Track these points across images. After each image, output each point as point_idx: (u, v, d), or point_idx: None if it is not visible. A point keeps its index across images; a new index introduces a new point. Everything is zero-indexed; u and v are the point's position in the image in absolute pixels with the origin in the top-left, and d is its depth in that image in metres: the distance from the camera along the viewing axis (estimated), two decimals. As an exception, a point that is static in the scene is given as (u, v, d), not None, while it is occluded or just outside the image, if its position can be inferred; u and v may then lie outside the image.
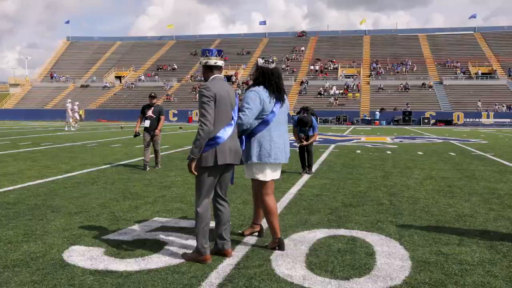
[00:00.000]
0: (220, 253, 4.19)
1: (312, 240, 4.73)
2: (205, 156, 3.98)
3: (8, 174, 9.08)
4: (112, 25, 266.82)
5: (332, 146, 16.51)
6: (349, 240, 4.72)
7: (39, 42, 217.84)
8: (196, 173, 3.99)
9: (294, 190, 7.60)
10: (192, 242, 4.58)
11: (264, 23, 77.86)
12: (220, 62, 4.23)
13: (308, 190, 7.62)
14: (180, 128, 32.85)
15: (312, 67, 61.83)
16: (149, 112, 10.27)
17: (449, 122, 45.69)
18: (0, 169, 9.80)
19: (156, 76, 64.83)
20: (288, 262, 4.04)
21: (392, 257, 4.19)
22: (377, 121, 46.49)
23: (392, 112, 48.45)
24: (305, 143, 9.40)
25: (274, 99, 4.41)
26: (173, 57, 69.86)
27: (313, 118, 9.42)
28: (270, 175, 4.45)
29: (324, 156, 12.97)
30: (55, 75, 67.58)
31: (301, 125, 9.27)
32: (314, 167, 10.42)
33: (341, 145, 16.92)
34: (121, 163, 11.07)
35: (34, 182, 8.15)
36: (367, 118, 48.07)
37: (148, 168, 9.96)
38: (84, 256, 4.15)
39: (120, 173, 9.35)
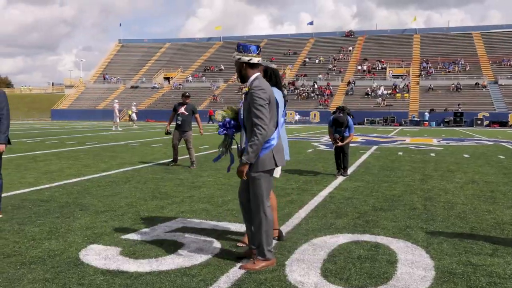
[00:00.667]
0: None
1: (333, 245, 4.55)
2: (263, 160, 3.85)
3: (48, 172, 9.37)
4: (163, 27, 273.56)
5: (374, 147, 16.08)
6: (372, 247, 4.51)
7: (93, 45, 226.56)
8: (245, 177, 3.83)
9: (325, 192, 7.41)
10: (209, 244, 4.51)
11: (311, 23, 77.29)
12: (260, 60, 4.08)
13: (340, 192, 7.40)
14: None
15: (359, 67, 60.77)
16: (182, 109, 10.32)
17: (504, 124, 43.65)
18: (43, 167, 10.14)
19: (203, 77, 65.72)
20: (303, 268, 3.89)
21: (415, 266, 3.96)
22: (426, 122, 45.08)
23: (442, 113, 46.86)
24: (340, 144, 9.15)
25: (283, 100, 4.36)
26: (220, 58, 70.57)
27: (349, 118, 9.16)
28: (278, 173, 4.54)
29: (363, 158, 12.62)
30: (107, 77, 69.85)
31: (337, 125, 9.03)
32: (351, 169, 10.15)
33: (383, 147, 16.45)
34: (158, 162, 11.21)
35: (71, 180, 8.37)
36: (415, 119, 46.70)
37: (172, 165, 10.41)
38: (100, 255, 4.17)
39: (154, 173, 9.45)
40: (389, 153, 14.14)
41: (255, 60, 3.92)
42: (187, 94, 10.47)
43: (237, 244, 4.52)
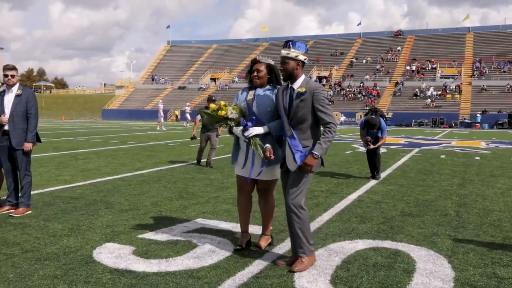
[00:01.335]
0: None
1: (350, 251, 4.38)
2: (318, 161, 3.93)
3: (85, 170, 9.63)
4: (212, 29, 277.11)
5: (416, 150, 15.54)
6: (391, 254, 4.31)
7: (145, 47, 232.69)
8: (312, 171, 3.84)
9: (354, 196, 7.20)
10: (223, 246, 4.46)
11: (359, 23, 76.00)
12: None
13: (370, 196, 7.17)
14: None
15: (408, 68, 59.19)
16: None
17: None
18: (82, 165, 10.44)
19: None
20: (313, 274, 3.76)
21: (432, 277, 3.74)
22: (478, 124, 43.27)
23: (496, 114, 44.86)
24: (372, 146, 8.87)
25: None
26: (266, 58, 70.55)
27: (382, 120, 8.86)
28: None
29: (402, 160, 12.21)
30: (155, 77, 71.47)
31: (368, 127, 8.76)
32: (387, 172, 9.84)
33: (426, 149, 15.88)
34: (193, 162, 11.28)
35: (104, 179, 8.56)
36: (466, 121, 44.93)
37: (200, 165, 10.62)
38: (112, 254, 4.20)
39: (186, 172, 9.52)
40: (430, 156, 13.62)
41: (306, 60, 4.03)
42: (213, 98, 10.47)
43: (251, 247, 4.42)
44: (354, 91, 55.67)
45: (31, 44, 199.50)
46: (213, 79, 69.67)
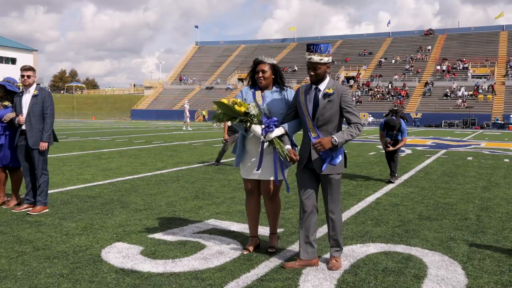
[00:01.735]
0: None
1: (360, 255, 4.28)
2: (341, 162, 3.97)
3: (107, 170, 9.76)
4: (241, 29, 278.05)
5: (442, 151, 15.17)
6: (402, 259, 4.18)
7: (174, 48, 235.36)
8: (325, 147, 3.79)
9: (372, 198, 7.05)
10: (231, 247, 4.42)
11: (389, 23, 74.82)
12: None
13: (388, 198, 7.02)
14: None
15: (438, 67, 57.98)
16: None
17: None
18: (104, 165, 10.59)
19: (276, 78, 65.83)
20: (319, 278, 3.68)
21: (444, 283, 3.61)
22: (511, 126, 42.01)
23: (530, 115, 43.46)
24: (391, 148, 8.64)
25: None
26: (294, 59, 70.38)
27: (402, 122, 8.63)
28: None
29: (426, 162, 11.93)
30: (184, 78, 72.13)
31: (388, 128, 8.56)
32: (409, 174, 9.62)
33: (453, 151, 15.47)
34: (213, 162, 11.29)
35: (123, 178, 8.64)
36: (499, 122, 43.68)
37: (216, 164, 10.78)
38: (120, 254, 4.22)
39: (206, 172, 9.53)
40: (457, 157, 13.27)
41: None
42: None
43: (268, 250, 4.33)
44: (382, 91, 54.90)
45: (65, 46, 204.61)
46: (241, 80, 69.80)
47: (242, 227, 5.20)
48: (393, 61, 62.54)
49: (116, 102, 72.21)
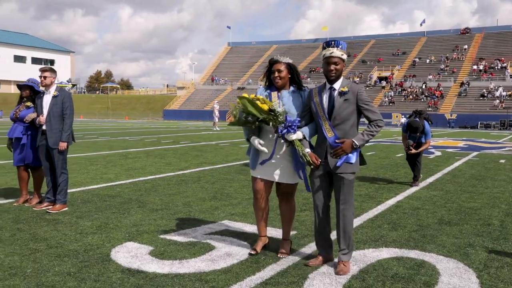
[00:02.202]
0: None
1: (371, 260, 4.17)
2: (357, 162, 3.92)
3: (131, 169, 9.89)
4: (274, 29, 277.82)
5: (474, 154, 14.70)
6: (415, 265, 4.05)
7: (207, 48, 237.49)
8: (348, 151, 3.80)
9: (393, 201, 6.89)
10: (240, 249, 4.39)
11: (423, 22, 73.22)
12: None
13: (409, 202, 6.84)
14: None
15: (475, 67, 56.35)
16: None
17: None
18: (129, 164, 10.74)
19: (308, 79, 65.52)
20: (324, 283, 3.60)
21: (454, 292, 3.47)
22: (552, 127, 40.40)
23: None
24: (413, 151, 8.32)
25: None
26: (325, 59, 69.79)
27: (426, 124, 8.33)
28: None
29: (455, 164, 11.58)
30: (216, 78, 72.63)
31: (411, 130, 8.29)
32: (436, 176, 9.35)
33: (485, 153, 14.97)
34: (237, 163, 11.29)
35: (146, 178, 8.74)
36: (539, 123, 42.06)
37: None
38: (129, 253, 4.24)
39: (227, 173, 9.53)
40: (488, 160, 12.83)
41: None
42: None
43: (278, 255, 4.27)
44: (416, 91, 53.79)
45: (102, 48, 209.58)
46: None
47: (255, 229, 5.12)
48: (428, 60, 61.17)
49: (149, 103, 73.32)
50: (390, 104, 52.02)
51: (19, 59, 73.30)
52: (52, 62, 79.24)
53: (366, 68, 63.44)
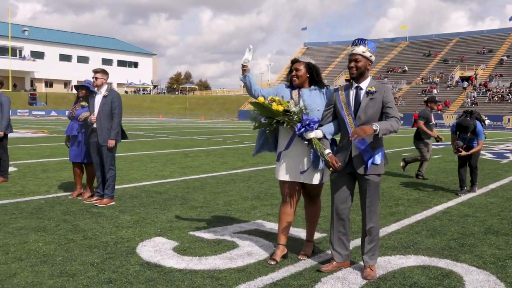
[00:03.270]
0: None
1: (393, 267, 4.00)
2: (382, 163, 3.87)
3: (186, 167, 10.20)
4: (352, 29, 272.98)
5: (555, 159, 13.51)
6: (440, 275, 3.83)
7: (285, 49, 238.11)
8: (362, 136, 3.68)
9: (441, 207, 6.54)
10: (263, 249, 4.40)
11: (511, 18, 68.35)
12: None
13: (460, 208, 6.45)
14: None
15: None
16: None
17: None
18: (187, 162, 11.08)
19: (385, 79, 63.68)
20: (335, 288, 3.51)
21: (473, 305, 3.24)
22: None
23: None
24: (463, 153, 7.69)
25: None
26: (404, 58, 67.46)
27: (478, 124, 7.60)
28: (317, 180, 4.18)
29: (529, 171, 10.72)
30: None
31: (461, 130, 7.61)
32: (502, 182, 8.74)
33: None
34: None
35: (198, 176, 8.97)
36: None
37: None
38: (154, 248, 4.39)
39: (279, 173, 9.51)
40: None
41: None
42: (435, 98, 10.18)
43: (299, 257, 4.24)
44: (502, 92, 50.41)
45: (183, 50, 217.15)
46: (348, 80, 68.45)
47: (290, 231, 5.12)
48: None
49: (225, 103, 74.90)
50: (473, 105, 49.15)
51: (106, 62, 77.95)
52: (136, 64, 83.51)
53: (447, 67, 60.48)
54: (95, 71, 6.32)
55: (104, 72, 6.40)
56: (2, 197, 6.65)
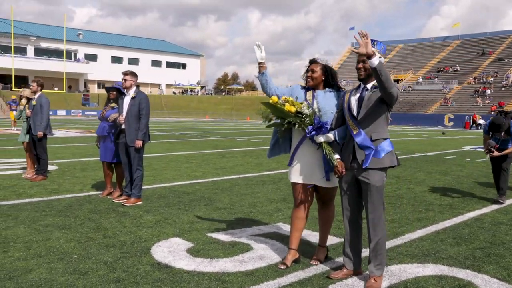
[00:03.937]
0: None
1: (408, 275, 3.85)
2: (386, 158, 3.69)
3: (220, 168, 10.26)
4: (402, 28, 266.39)
5: None
6: (456, 286, 3.65)
7: (334, 49, 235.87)
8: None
9: (474, 213, 6.24)
10: (276, 253, 4.35)
11: None
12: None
13: (495, 215, 6.14)
14: (443, 134, 30.53)
15: None
16: None
17: None
18: (222, 163, 11.15)
19: (436, 79, 61.74)
20: (341, 295, 3.42)
21: (486, 320, 3.06)
22: None
23: None
24: (495, 153, 7.13)
25: None
26: (456, 57, 65.17)
27: None
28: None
29: None
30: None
31: (494, 129, 7.08)
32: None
33: None
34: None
35: (229, 177, 9.00)
36: None
37: None
38: (168, 249, 4.44)
39: (311, 176, 9.40)
40: None
41: None
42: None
43: (311, 262, 4.17)
44: (562, 92, 47.68)
45: (232, 51, 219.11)
46: (396, 81, 66.98)
47: (304, 234, 5.04)
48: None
49: (271, 104, 75.04)
50: None
51: (155, 63, 79.86)
52: (184, 65, 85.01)
53: (503, 66, 57.91)
54: (125, 73, 6.46)
55: (133, 74, 6.54)
56: (37, 194, 6.92)
